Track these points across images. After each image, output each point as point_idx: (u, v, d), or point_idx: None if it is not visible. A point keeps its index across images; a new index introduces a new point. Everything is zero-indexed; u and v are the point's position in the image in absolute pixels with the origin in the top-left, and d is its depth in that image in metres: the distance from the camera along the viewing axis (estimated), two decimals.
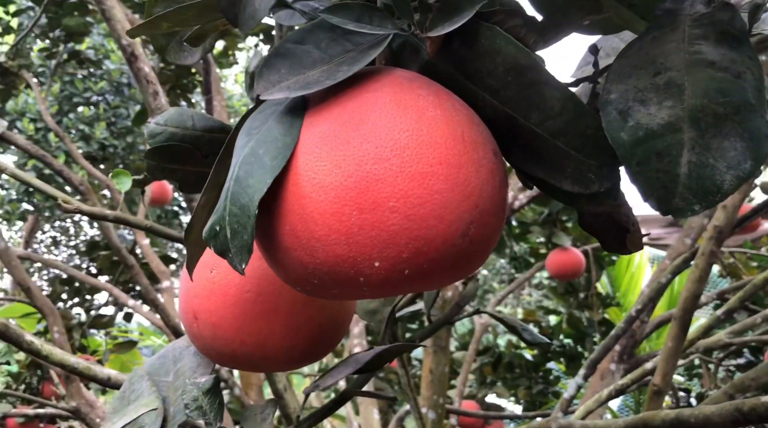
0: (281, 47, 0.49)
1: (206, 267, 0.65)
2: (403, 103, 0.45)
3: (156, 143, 0.72)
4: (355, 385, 0.73)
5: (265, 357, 0.66)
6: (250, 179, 0.45)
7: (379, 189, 0.43)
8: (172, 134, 0.72)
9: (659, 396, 1.52)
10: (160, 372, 0.72)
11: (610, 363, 2.41)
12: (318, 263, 0.46)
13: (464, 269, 0.49)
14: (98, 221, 1.54)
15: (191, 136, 0.72)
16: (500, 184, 0.48)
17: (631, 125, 0.44)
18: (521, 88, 0.47)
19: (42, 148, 4.93)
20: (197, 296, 0.65)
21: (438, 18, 0.48)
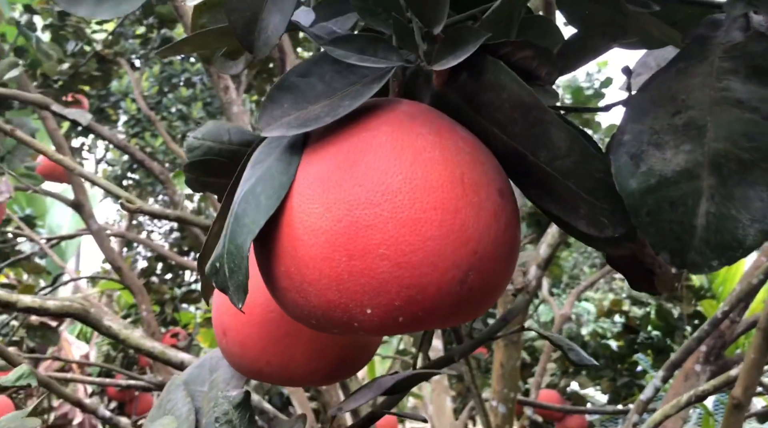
0: (286, 80, 0.48)
1: None
2: (400, 144, 0.44)
3: (194, 157, 0.73)
4: (385, 405, 0.73)
5: (290, 377, 0.67)
6: (245, 218, 0.45)
7: (368, 235, 0.42)
8: (209, 149, 0.73)
9: (739, 410, 1.43)
10: (197, 381, 0.75)
11: (695, 364, 2.29)
12: (312, 306, 0.45)
13: (467, 315, 0.47)
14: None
15: (227, 150, 0.73)
16: (506, 226, 0.46)
17: (642, 171, 0.41)
18: (528, 126, 0.44)
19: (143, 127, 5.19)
20: (226, 312, 0.67)
21: (443, 50, 0.45)
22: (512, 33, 0.47)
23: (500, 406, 2.04)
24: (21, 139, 1.10)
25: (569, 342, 0.84)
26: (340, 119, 0.45)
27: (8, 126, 1.09)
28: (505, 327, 0.88)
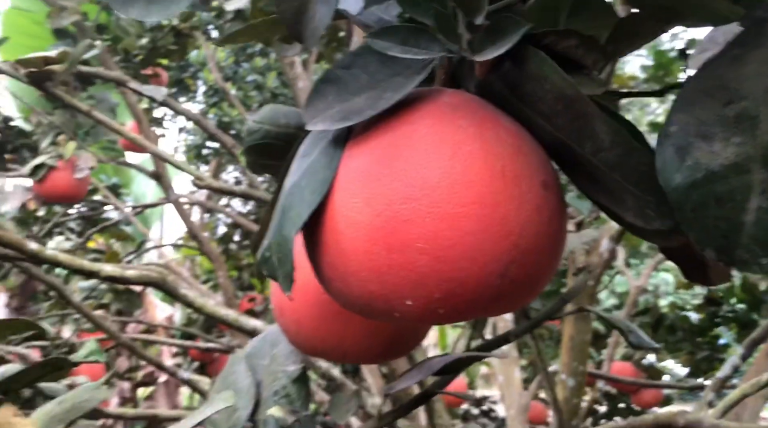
0: (330, 73, 0.49)
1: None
2: (439, 137, 0.44)
3: (253, 140, 0.75)
4: (438, 385, 0.74)
5: (345, 354, 0.69)
6: (291, 211, 0.47)
7: (407, 230, 0.42)
8: (267, 132, 0.75)
9: None
10: (259, 354, 0.78)
11: None
12: (355, 296, 0.46)
13: (510, 306, 0.48)
14: None
15: (284, 133, 0.75)
16: (550, 218, 0.45)
17: (688, 165, 0.39)
18: (571, 118, 0.43)
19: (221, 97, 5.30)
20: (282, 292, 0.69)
21: (485, 41, 0.45)
22: (560, 20, 0.46)
23: (569, 379, 2.03)
24: (97, 119, 1.16)
25: (629, 324, 0.83)
26: (382, 112, 0.46)
27: (86, 107, 1.14)
28: (563, 307, 0.87)
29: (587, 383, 3.10)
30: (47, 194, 2.04)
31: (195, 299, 1.54)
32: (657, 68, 3.51)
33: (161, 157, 1.21)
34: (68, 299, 1.71)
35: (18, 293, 3.23)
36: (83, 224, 3.28)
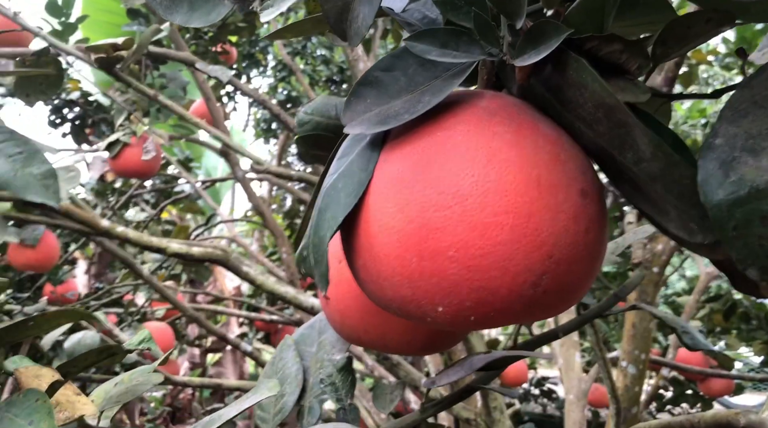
0: (369, 75, 0.49)
1: (335, 258, 0.69)
2: (474, 144, 0.43)
3: (304, 131, 0.76)
4: (480, 381, 0.74)
5: (387, 346, 0.70)
6: (327, 212, 0.47)
7: (438, 238, 0.42)
8: (317, 124, 0.76)
9: None
10: (307, 341, 0.80)
11: None
12: (388, 299, 0.47)
13: (545, 315, 0.47)
14: None
15: (334, 125, 0.75)
16: (587, 228, 0.44)
17: (732, 181, 0.37)
18: (612, 127, 0.42)
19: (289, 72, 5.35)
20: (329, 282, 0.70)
21: (525, 45, 0.44)
22: (606, 23, 0.44)
23: (630, 367, 1.99)
24: (162, 103, 1.20)
25: (684, 324, 0.80)
26: (419, 116, 0.45)
27: (151, 92, 1.18)
28: (616, 303, 0.85)
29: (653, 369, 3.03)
30: (121, 170, 2.12)
31: (256, 276, 1.58)
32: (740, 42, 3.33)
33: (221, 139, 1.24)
34: (138, 272, 1.80)
35: (96, 261, 3.40)
36: (157, 196, 3.41)
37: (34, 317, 0.49)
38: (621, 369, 2.00)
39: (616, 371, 2.04)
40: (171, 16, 0.48)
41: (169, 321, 2.82)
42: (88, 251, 3.37)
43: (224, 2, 0.50)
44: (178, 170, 3.00)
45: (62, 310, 0.50)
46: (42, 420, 0.49)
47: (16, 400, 0.51)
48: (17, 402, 0.51)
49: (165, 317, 2.79)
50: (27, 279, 2.64)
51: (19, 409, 0.50)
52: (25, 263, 2.14)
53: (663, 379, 2.76)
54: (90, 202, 2.98)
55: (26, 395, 0.51)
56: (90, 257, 3.29)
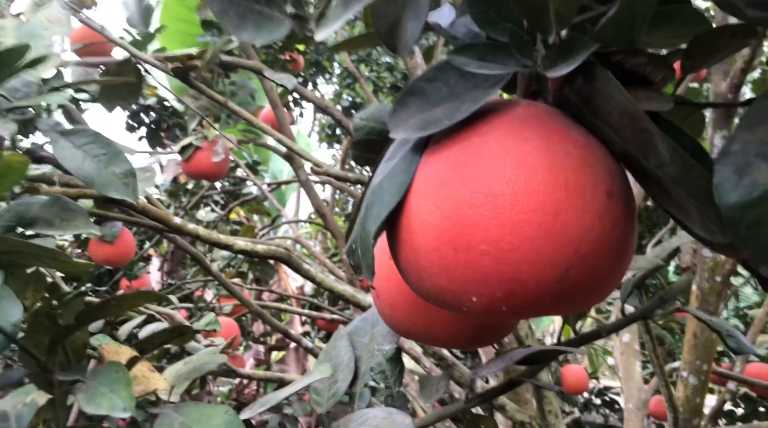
0: (414, 85, 0.53)
1: (385, 254, 0.74)
2: (506, 148, 0.47)
3: (359, 136, 0.81)
4: (525, 375, 0.77)
5: (434, 339, 0.74)
6: (373, 209, 0.52)
7: (472, 233, 0.47)
8: (371, 129, 0.81)
9: None
10: (360, 333, 0.85)
11: None
12: (427, 289, 0.51)
13: (573, 308, 0.50)
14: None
15: (387, 131, 0.80)
16: (613, 226, 0.47)
17: (745, 184, 0.40)
18: (636, 133, 0.45)
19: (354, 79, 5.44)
20: (378, 277, 0.75)
21: (556, 58, 0.47)
22: (637, 37, 0.47)
23: (691, 377, 1.96)
24: (231, 109, 1.28)
25: (730, 328, 0.81)
26: (458, 123, 0.50)
27: (222, 98, 1.26)
28: (661, 306, 0.87)
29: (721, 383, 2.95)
30: (192, 172, 2.24)
31: (316, 274, 1.65)
32: None
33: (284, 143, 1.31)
34: (208, 268, 1.89)
35: (169, 258, 3.56)
36: (226, 198, 3.55)
37: (115, 296, 0.56)
38: (682, 379, 1.97)
39: (678, 381, 2.01)
40: (239, 34, 0.54)
41: (235, 318, 2.93)
42: (161, 249, 3.54)
43: (285, 23, 0.56)
44: (246, 172, 3.12)
45: (140, 291, 0.56)
46: (122, 388, 0.55)
47: (99, 371, 0.58)
48: (100, 373, 0.57)
49: (232, 313, 2.90)
50: (105, 274, 2.80)
51: (102, 378, 0.57)
52: (104, 258, 2.28)
53: (729, 393, 2.68)
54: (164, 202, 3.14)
55: (108, 367, 0.58)
56: (163, 255, 3.45)
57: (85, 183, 0.84)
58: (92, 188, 0.87)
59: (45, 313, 0.58)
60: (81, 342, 0.63)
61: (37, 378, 0.61)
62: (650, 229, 3.58)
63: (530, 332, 1.77)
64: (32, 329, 0.58)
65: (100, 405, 0.55)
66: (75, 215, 0.86)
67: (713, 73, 1.86)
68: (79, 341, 0.63)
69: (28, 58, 0.77)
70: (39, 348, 0.59)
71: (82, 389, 0.57)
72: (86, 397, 0.55)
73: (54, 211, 0.85)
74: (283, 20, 0.56)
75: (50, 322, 0.59)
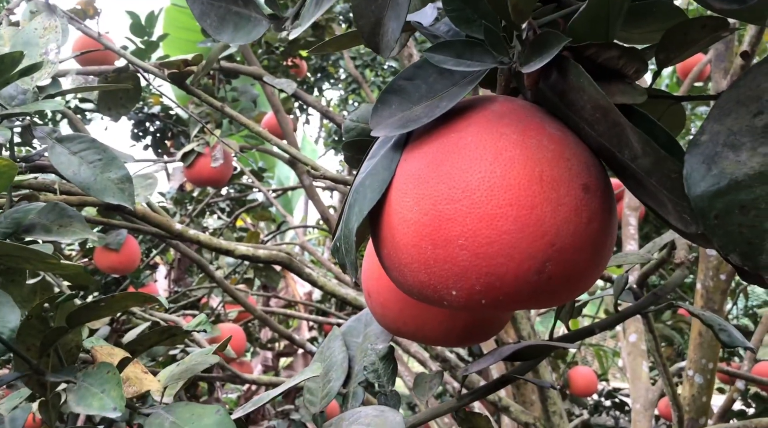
0: (394, 83, 0.54)
1: (374, 254, 0.75)
2: (483, 144, 0.48)
3: (350, 137, 0.82)
4: (517, 371, 0.77)
5: (426, 337, 0.74)
6: (355, 207, 0.53)
7: (449, 228, 0.47)
8: (362, 130, 0.81)
9: None
10: (353, 332, 0.85)
11: None
12: (409, 284, 0.52)
13: (552, 301, 0.51)
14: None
15: None
16: (590, 219, 0.48)
17: (713, 174, 0.41)
18: (609, 126, 0.46)
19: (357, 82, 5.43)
20: (370, 277, 0.76)
21: (531, 54, 0.48)
22: (611, 31, 0.48)
23: (697, 376, 1.95)
24: (229, 114, 1.29)
25: (722, 322, 0.81)
26: (436, 120, 0.50)
27: (219, 104, 1.28)
28: (655, 302, 0.87)
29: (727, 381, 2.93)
30: (195, 178, 2.26)
31: (318, 278, 1.66)
32: None
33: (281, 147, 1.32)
34: (211, 275, 1.91)
35: (176, 266, 3.58)
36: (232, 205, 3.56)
37: (104, 297, 0.57)
38: (687, 377, 1.96)
39: (683, 380, 2.00)
40: (219, 35, 0.55)
41: (242, 324, 2.94)
42: (168, 257, 3.55)
43: (262, 23, 0.57)
44: (251, 179, 3.13)
45: (129, 293, 0.57)
46: (112, 389, 0.56)
47: (91, 372, 0.59)
48: (92, 374, 0.58)
49: (238, 320, 2.91)
50: (112, 282, 2.82)
51: (93, 379, 0.57)
52: (109, 266, 2.30)
53: (738, 392, 2.66)
54: (170, 210, 3.15)
55: (99, 368, 0.58)
56: (170, 263, 3.47)
57: (81, 189, 0.86)
58: (88, 194, 0.88)
59: (36, 316, 0.59)
60: (73, 344, 0.64)
61: (30, 380, 0.62)
62: (657, 229, 3.57)
63: (533, 332, 1.77)
64: (24, 332, 0.59)
65: (91, 406, 0.55)
66: (72, 221, 0.87)
67: (714, 71, 1.86)
68: (71, 343, 0.64)
69: (23, 66, 0.78)
70: (31, 351, 0.60)
71: (73, 389, 0.57)
72: (77, 397, 0.56)
73: (51, 217, 0.86)
74: (261, 20, 0.57)
75: (42, 325, 0.60)
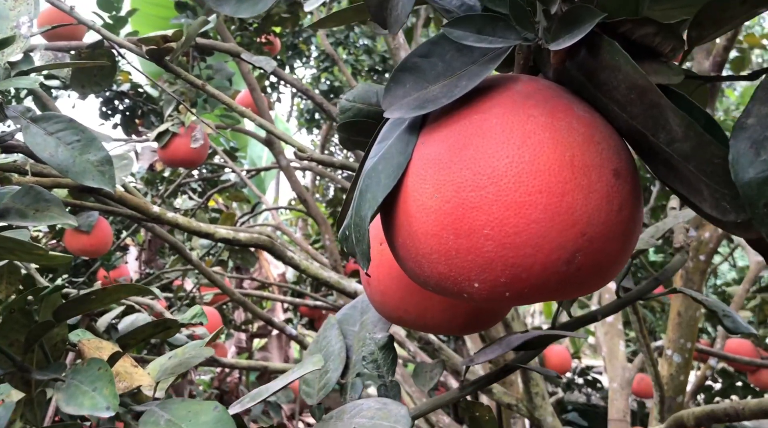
0: (408, 61, 0.51)
1: (376, 240, 0.72)
2: (509, 126, 0.45)
3: (345, 118, 0.78)
4: (521, 359, 0.75)
5: (427, 326, 0.72)
6: (368, 193, 0.49)
7: (474, 216, 0.44)
8: (359, 110, 0.78)
9: None
10: (349, 321, 0.82)
11: None
12: (426, 276, 0.49)
13: (579, 292, 0.48)
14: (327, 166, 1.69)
15: (375, 112, 0.77)
16: (621, 207, 0.45)
17: (762, 160, 0.38)
18: (645, 108, 0.43)
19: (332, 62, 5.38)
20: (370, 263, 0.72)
21: (559, 30, 0.45)
22: (641, 6, 0.45)
23: (675, 355, 1.97)
24: (209, 92, 1.24)
25: (726, 308, 0.80)
26: (456, 100, 0.47)
27: (199, 81, 1.22)
28: (656, 287, 0.85)
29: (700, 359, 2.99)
30: (170, 159, 2.19)
31: (300, 261, 1.62)
32: None
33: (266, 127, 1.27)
34: (187, 257, 1.85)
35: (147, 247, 3.51)
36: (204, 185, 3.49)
37: (95, 290, 0.53)
38: (666, 357, 1.98)
39: (661, 360, 2.02)
40: (220, 7, 0.51)
41: (216, 306, 2.89)
42: (139, 238, 3.48)
43: None
44: (224, 159, 3.07)
45: (121, 285, 0.53)
46: (104, 386, 0.52)
47: (80, 369, 0.55)
48: (81, 371, 0.54)
49: (212, 302, 2.86)
50: (82, 265, 2.74)
51: (83, 377, 0.54)
52: (80, 248, 2.23)
53: (710, 369, 2.71)
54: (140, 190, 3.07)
55: (89, 364, 0.54)
56: (141, 244, 3.39)
57: (59, 172, 0.81)
58: (66, 177, 0.83)
59: (20, 309, 0.55)
60: (59, 338, 0.60)
61: (13, 377, 0.57)
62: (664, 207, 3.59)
63: (516, 314, 1.76)
64: (6, 326, 0.55)
65: (82, 405, 0.52)
66: (49, 205, 0.82)
67: (696, 52, 1.85)
68: (57, 337, 0.60)
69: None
70: (14, 347, 0.56)
71: (62, 388, 0.53)
72: (66, 396, 0.52)
73: (27, 201, 0.81)
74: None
75: (25, 319, 0.55)
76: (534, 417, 1.68)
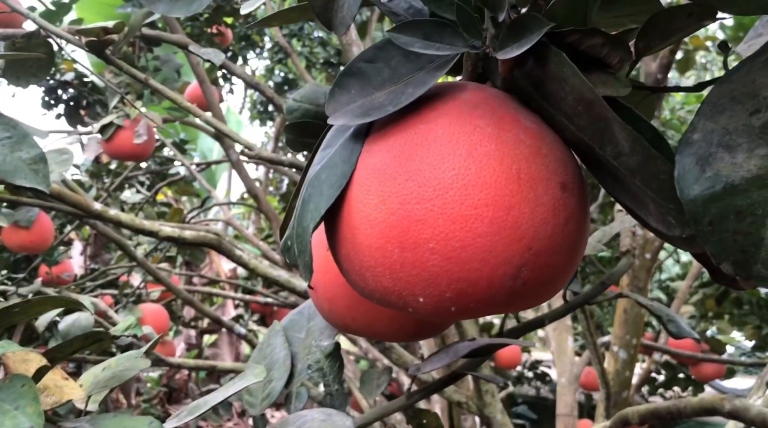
0: (353, 66, 0.49)
1: (322, 246, 0.70)
2: (455, 137, 0.43)
3: (293, 119, 0.76)
4: (467, 367, 0.75)
5: (375, 334, 0.70)
6: (310, 203, 0.48)
7: (419, 230, 0.43)
8: (306, 111, 0.76)
9: None
10: (295, 327, 0.80)
11: None
12: (370, 289, 0.47)
13: (524, 306, 0.47)
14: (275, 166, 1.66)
15: (323, 113, 0.75)
16: (567, 220, 0.45)
17: (708, 177, 0.38)
18: (592, 121, 0.42)
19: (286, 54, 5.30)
20: (316, 270, 0.70)
21: (507, 38, 0.44)
22: (589, 16, 0.44)
23: (621, 351, 2.01)
24: (154, 87, 1.19)
25: (669, 313, 0.81)
26: (402, 108, 0.46)
27: (142, 75, 1.18)
28: (603, 291, 0.86)
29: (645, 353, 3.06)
30: (115, 153, 2.12)
31: (249, 260, 1.59)
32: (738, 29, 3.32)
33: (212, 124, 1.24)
34: (132, 255, 1.80)
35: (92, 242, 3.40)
36: (152, 178, 3.40)
37: (19, 303, 0.49)
38: (612, 353, 2.02)
39: (608, 354, 2.06)
40: (153, 5, 0.48)
41: (164, 303, 2.83)
42: (84, 232, 3.37)
43: None
44: (173, 152, 2.99)
45: (47, 297, 0.50)
46: (28, 404, 0.49)
47: (2, 386, 0.51)
48: (3, 388, 0.51)
49: (160, 299, 2.80)
50: (22, 260, 2.64)
51: (5, 394, 0.50)
52: (19, 244, 2.14)
53: (655, 363, 2.78)
54: (85, 183, 2.98)
55: (12, 380, 0.51)
56: (86, 239, 3.29)
57: None
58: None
59: None
60: None
61: None
62: (613, 204, 3.65)
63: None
64: None
65: (3, 425, 0.48)
66: None
67: None
68: None
69: None
70: None
71: None
72: None
73: None
74: None
75: None
76: (484, 415, 1.69)
